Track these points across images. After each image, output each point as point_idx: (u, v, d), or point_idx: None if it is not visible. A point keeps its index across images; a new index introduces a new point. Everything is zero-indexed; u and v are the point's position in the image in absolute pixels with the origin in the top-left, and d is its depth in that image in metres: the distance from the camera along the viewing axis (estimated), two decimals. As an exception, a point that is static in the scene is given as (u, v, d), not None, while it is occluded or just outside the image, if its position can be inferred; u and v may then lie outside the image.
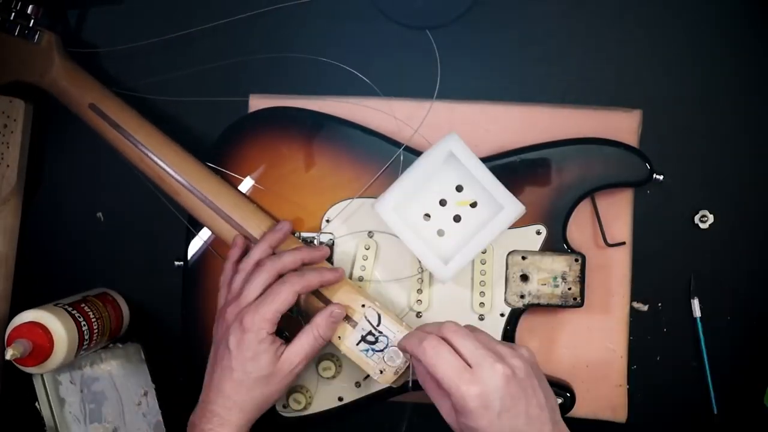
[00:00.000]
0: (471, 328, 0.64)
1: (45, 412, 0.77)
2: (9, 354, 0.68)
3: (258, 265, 0.68)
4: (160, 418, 0.79)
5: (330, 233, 0.74)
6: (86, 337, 0.74)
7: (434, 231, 0.70)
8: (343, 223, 0.74)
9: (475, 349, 0.60)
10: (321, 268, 0.71)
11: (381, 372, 0.69)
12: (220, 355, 0.66)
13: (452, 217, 0.70)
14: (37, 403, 0.77)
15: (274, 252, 0.71)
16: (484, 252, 0.72)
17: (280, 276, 0.68)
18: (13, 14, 0.75)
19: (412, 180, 0.69)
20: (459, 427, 0.61)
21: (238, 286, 0.68)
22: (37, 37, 0.75)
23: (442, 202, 0.70)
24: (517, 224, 0.71)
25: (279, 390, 0.67)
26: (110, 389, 0.79)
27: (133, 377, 0.79)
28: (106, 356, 0.79)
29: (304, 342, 0.67)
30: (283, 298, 0.66)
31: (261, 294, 0.67)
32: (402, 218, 0.69)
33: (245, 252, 0.71)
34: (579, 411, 0.74)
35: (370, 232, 0.73)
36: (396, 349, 0.68)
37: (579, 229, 0.74)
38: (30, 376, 0.76)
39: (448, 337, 0.61)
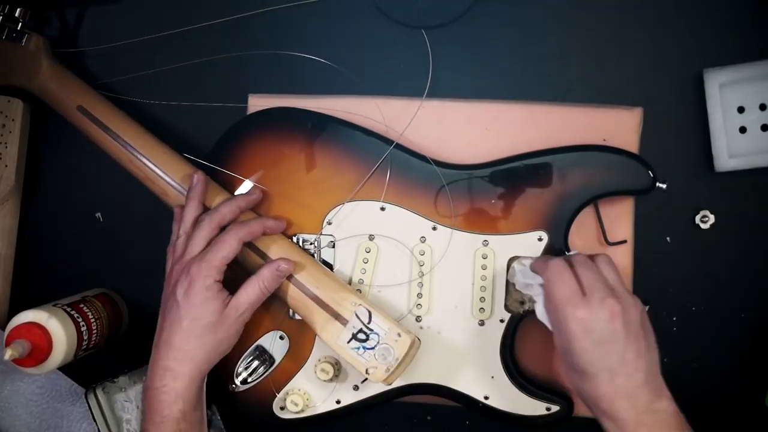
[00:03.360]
0: (603, 261, 0.66)
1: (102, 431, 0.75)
2: (8, 354, 0.68)
3: (196, 222, 0.69)
4: None
5: (330, 235, 0.73)
6: (85, 337, 0.74)
7: None
8: (344, 226, 0.73)
9: (594, 281, 0.63)
10: (263, 216, 0.72)
11: (373, 369, 0.68)
12: (168, 309, 0.67)
13: None
14: (95, 422, 0.75)
15: (206, 207, 0.72)
16: (485, 257, 0.72)
17: (222, 228, 0.69)
18: (1, 17, 0.74)
19: None
20: (559, 349, 0.64)
21: (182, 247, 0.69)
22: (24, 40, 0.75)
23: None
24: (518, 230, 0.71)
25: (228, 338, 0.68)
26: None
27: None
28: None
29: (250, 291, 0.68)
30: (227, 246, 0.67)
31: (205, 247, 0.68)
32: None
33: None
34: (580, 411, 0.74)
35: (371, 235, 0.73)
36: (387, 346, 0.68)
37: (580, 229, 0.73)
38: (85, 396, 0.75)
39: (574, 264, 0.64)
